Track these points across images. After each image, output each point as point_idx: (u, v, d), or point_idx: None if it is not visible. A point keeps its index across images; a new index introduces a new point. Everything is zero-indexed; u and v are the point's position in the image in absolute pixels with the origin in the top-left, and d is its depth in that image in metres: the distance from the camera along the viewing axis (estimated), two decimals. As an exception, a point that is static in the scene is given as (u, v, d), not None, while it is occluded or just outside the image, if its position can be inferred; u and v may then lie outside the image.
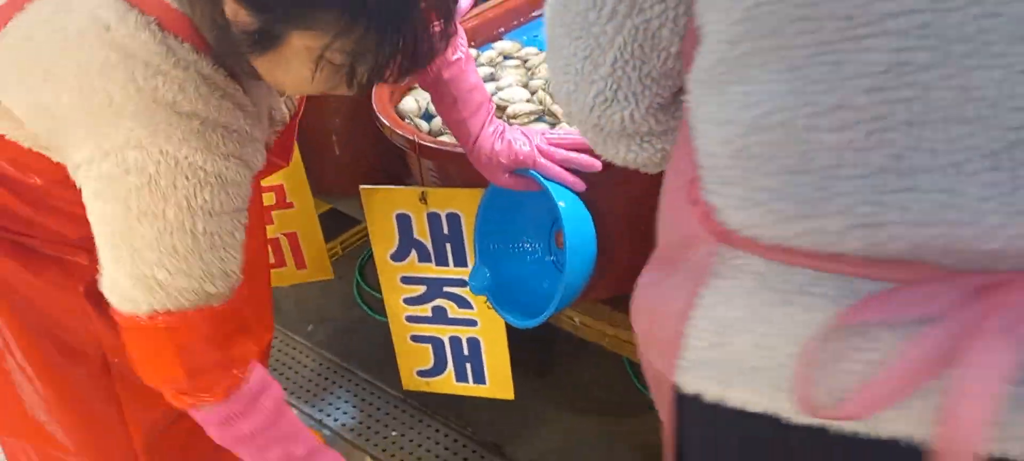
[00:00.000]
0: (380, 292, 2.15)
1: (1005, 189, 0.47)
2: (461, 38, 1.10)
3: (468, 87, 1.10)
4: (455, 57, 1.09)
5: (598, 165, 1.10)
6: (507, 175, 1.12)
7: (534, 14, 1.56)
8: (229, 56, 0.87)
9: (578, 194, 1.13)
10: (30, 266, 1.04)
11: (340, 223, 2.16)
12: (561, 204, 1.09)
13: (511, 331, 1.38)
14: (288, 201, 1.68)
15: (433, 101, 1.16)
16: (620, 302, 1.33)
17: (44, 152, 0.93)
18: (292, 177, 1.64)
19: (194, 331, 0.91)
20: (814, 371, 0.54)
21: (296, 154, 1.61)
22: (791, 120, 0.51)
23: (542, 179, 1.10)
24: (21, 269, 1.05)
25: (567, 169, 1.12)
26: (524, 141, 1.11)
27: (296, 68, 0.85)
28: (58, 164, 0.92)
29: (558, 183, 1.11)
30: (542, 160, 1.10)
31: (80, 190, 0.90)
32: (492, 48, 1.47)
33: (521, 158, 1.10)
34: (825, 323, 0.53)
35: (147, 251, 0.86)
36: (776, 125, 0.52)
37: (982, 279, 0.49)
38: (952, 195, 0.48)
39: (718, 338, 0.59)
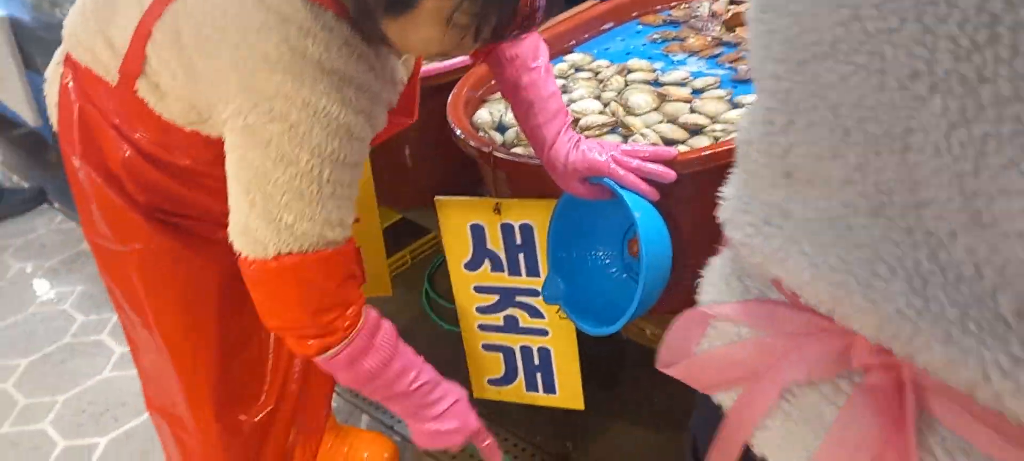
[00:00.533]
0: (448, 301, 2.19)
1: (817, 251, 0.54)
2: (541, 48, 1.14)
3: (546, 94, 1.14)
4: (535, 65, 1.12)
5: (673, 175, 1.10)
6: (582, 183, 1.13)
7: (604, 27, 1.57)
8: (364, 21, 0.95)
9: (653, 204, 1.13)
10: (188, 245, 1.19)
11: (410, 233, 2.20)
12: (637, 214, 1.09)
13: (580, 341, 1.39)
14: (355, 216, 1.72)
15: (512, 108, 1.18)
16: (692, 314, 1.33)
17: (197, 128, 1.03)
18: (361, 193, 1.67)
19: (313, 271, 1.00)
20: (674, 337, 0.68)
21: (367, 170, 1.65)
22: (743, 142, 0.61)
23: (617, 188, 1.10)
24: (182, 248, 1.19)
25: (642, 179, 1.12)
26: (599, 150, 1.12)
27: (425, 30, 0.93)
28: (206, 141, 1.03)
29: (633, 192, 1.12)
30: (617, 168, 1.12)
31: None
32: (564, 61, 1.49)
33: (596, 166, 1.11)
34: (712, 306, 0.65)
35: (278, 194, 0.96)
36: (741, 142, 0.62)
37: (815, 321, 0.56)
38: (788, 244, 0.56)
39: (698, 299, 0.71)
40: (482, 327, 1.46)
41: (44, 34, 2.78)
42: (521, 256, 1.34)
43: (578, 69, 1.46)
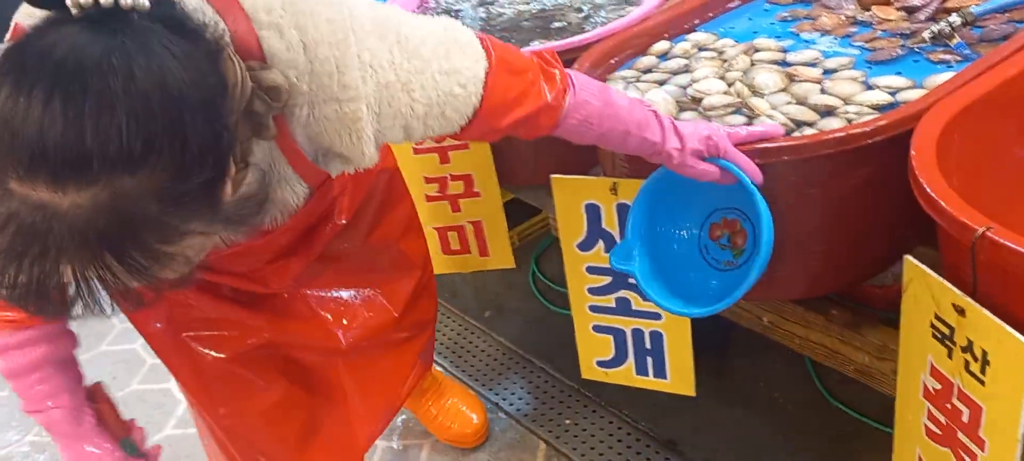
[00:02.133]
0: (555, 282, 2.19)
1: None
2: (580, 89, 1.04)
3: (626, 117, 1.06)
4: (596, 105, 1.05)
5: (758, 176, 1.09)
6: (700, 163, 1.10)
7: (731, 6, 1.53)
8: None
9: (777, 193, 1.10)
10: None
11: (518, 213, 2.21)
12: (760, 203, 1.07)
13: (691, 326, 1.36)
14: (475, 190, 1.73)
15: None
16: (814, 303, 1.29)
17: None
18: (481, 167, 1.69)
19: None
20: None
21: (486, 146, 1.66)
22: None
23: (737, 171, 1.08)
24: None
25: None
26: (707, 128, 1.09)
27: None
28: None
29: (745, 173, 1.09)
30: (733, 150, 1.09)
31: None
32: (686, 40, 1.46)
33: (716, 143, 1.08)
34: None
35: None
36: None
37: None
38: None
39: None
40: (593, 308, 1.45)
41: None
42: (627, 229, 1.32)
43: (702, 48, 1.42)
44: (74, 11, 0.67)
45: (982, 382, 0.87)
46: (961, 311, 0.87)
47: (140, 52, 0.66)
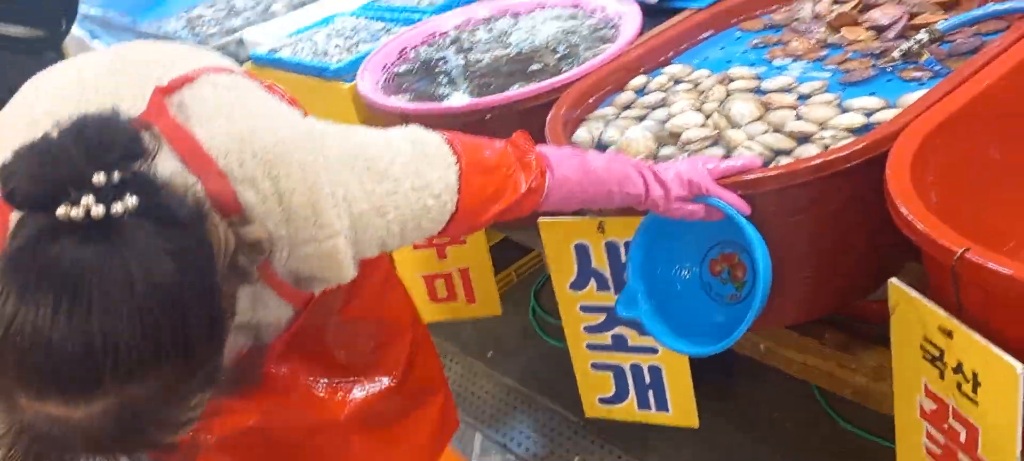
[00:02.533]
0: (556, 318, 2.19)
1: None
2: (552, 165, 1.05)
3: (606, 177, 1.08)
4: (572, 179, 1.06)
5: (745, 208, 1.09)
6: (687, 204, 1.11)
7: (703, 36, 1.54)
8: None
9: (761, 223, 1.11)
10: None
11: (514, 251, 2.22)
12: (753, 237, 1.08)
13: (690, 358, 1.36)
14: (461, 238, 1.74)
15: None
16: (808, 328, 1.29)
17: None
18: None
19: None
20: None
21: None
22: None
23: (728, 208, 1.08)
24: None
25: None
26: (689, 169, 1.10)
27: None
28: None
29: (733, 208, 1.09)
30: (716, 186, 1.09)
31: None
32: (662, 73, 1.47)
33: (698, 184, 1.09)
34: None
35: None
36: None
37: None
38: None
39: None
40: (590, 346, 1.45)
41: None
42: (627, 274, 1.33)
43: (677, 81, 1.43)
44: (65, 223, 0.68)
45: (975, 403, 0.87)
46: (948, 333, 0.88)
47: (135, 257, 0.68)
